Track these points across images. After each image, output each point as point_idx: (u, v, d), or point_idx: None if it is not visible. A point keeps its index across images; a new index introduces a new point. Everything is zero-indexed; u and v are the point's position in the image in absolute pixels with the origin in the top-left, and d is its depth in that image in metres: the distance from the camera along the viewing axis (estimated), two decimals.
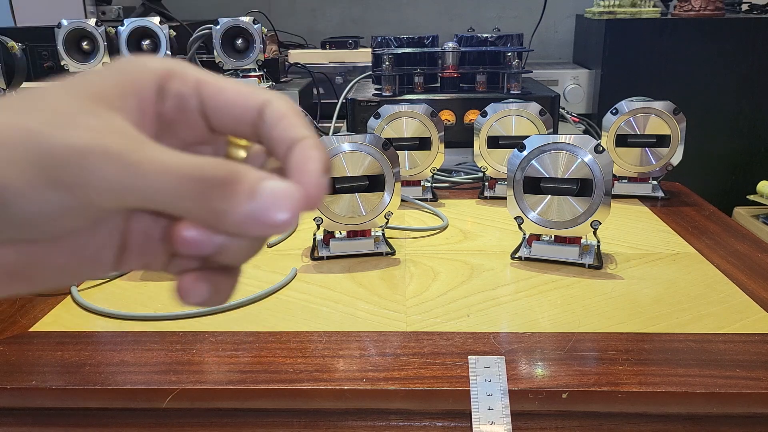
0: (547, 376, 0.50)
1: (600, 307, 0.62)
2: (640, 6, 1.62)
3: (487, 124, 0.92)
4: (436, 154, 0.93)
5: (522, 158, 0.70)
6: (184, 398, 0.49)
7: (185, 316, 0.61)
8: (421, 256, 0.75)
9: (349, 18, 2.03)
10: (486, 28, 1.63)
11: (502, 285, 0.67)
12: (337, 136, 0.73)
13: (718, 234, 0.81)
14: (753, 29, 1.55)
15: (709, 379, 0.50)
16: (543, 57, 1.94)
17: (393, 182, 0.73)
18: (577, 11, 1.94)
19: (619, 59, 1.59)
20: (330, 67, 1.52)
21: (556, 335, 0.56)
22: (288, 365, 0.52)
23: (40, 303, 0.64)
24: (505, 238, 0.79)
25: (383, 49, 1.19)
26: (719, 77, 1.57)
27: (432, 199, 0.96)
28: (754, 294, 0.64)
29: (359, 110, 1.15)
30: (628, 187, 0.96)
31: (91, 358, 0.54)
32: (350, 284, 0.68)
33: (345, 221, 0.73)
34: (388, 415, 0.51)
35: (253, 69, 1.25)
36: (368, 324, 0.59)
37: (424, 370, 0.51)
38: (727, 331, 0.57)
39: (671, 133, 0.92)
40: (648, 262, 0.72)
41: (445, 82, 1.23)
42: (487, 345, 0.55)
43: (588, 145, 0.68)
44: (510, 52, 1.18)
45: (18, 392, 0.50)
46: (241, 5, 1.95)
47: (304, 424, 0.51)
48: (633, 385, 0.49)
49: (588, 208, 0.69)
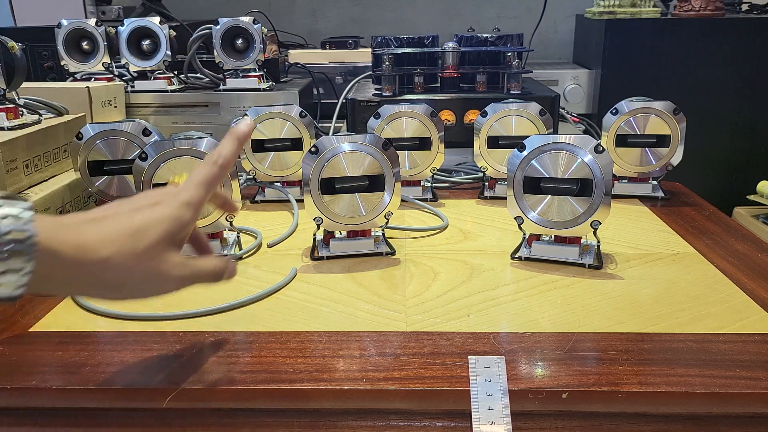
0: (547, 376, 0.50)
1: (600, 307, 0.62)
2: (640, 6, 1.62)
3: (487, 124, 0.92)
4: (436, 154, 0.93)
5: (522, 158, 0.70)
6: (184, 398, 0.49)
7: (185, 316, 0.61)
8: (421, 256, 0.75)
9: (349, 18, 2.03)
10: (486, 28, 1.63)
11: (502, 285, 0.67)
12: (337, 136, 0.73)
13: (718, 234, 0.81)
14: (753, 29, 1.55)
15: (709, 379, 0.49)
16: (543, 57, 1.95)
17: (393, 182, 0.73)
18: (577, 11, 1.94)
19: (619, 59, 1.59)
20: (330, 67, 1.52)
21: (556, 335, 0.56)
22: (288, 365, 0.52)
23: (40, 303, 0.64)
24: (505, 238, 0.79)
25: (383, 49, 1.19)
26: (719, 77, 1.57)
27: (432, 199, 0.96)
28: (754, 294, 0.64)
29: (359, 110, 1.15)
30: (628, 187, 0.96)
31: (91, 358, 0.54)
32: (350, 284, 0.68)
33: (345, 221, 0.73)
34: (388, 415, 0.51)
35: (253, 69, 1.25)
36: (368, 324, 0.59)
37: (424, 370, 0.51)
38: (727, 331, 0.57)
39: (671, 133, 0.92)
40: (648, 262, 0.72)
41: (445, 82, 1.23)
42: (487, 345, 0.55)
43: (588, 145, 0.68)
44: (510, 52, 1.18)
45: (18, 392, 0.50)
46: (241, 5, 1.95)
47: (304, 424, 0.51)
48: (633, 385, 0.49)
49: (588, 208, 0.69)
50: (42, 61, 1.42)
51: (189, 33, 1.30)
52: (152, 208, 0.46)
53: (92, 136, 0.81)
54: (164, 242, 0.45)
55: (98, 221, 0.43)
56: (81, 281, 0.42)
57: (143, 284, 0.45)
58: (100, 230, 0.42)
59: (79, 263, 0.41)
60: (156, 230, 0.44)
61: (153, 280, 0.45)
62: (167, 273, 0.45)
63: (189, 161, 0.71)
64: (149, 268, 0.44)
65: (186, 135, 0.72)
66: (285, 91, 1.24)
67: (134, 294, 0.45)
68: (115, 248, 0.42)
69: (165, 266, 0.45)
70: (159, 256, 0.44)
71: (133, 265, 0.43)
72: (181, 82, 1.31)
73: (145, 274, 0.44)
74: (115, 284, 0.43)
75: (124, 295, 0.45)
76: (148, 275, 0.44)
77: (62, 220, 0.42)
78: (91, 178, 0.83)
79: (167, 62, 1.27)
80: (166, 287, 0.46)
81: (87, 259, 0.41)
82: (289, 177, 0.95)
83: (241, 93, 1.23)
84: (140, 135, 0.81)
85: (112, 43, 1.27)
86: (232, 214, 0.74)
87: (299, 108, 0.92)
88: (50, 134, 0.89)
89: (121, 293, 0.44)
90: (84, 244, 0.41)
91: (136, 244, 0.43)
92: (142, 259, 0.43)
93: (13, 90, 0.89)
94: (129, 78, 1.29)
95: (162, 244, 0.44)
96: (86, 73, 1.28)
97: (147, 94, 1.25)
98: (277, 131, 0.92)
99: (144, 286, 0.45)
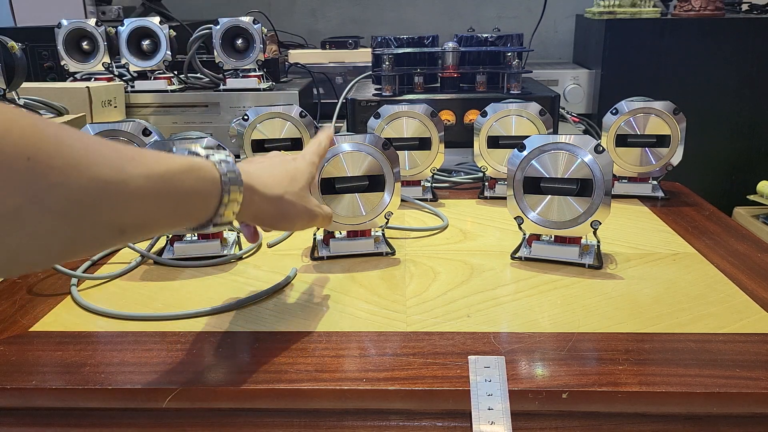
0: (547, 376, 0.50)
1: (600, 307, 0.62)
2: (640, 6, 1.62)
3: (487, 124, 0.92)
4: (436, 154, 0.93)
5: (522, 158, 0.70)
6: (184, 398, 0.49)
7: (185, 316, 0.61)
8: (421, 256, 0.75)
9: (349, 18, 2.03)
10: (486, 28, 1.63)
11: (502, 285, 0.67)
12: (337, 136, 0.73)
13: (718, 234, 0.81)
14: (753, 29, 1.55)
15: (709, 379, 0.50)
16: (543, 57, 1.95)
17: (393, 182, 0.73)
18: (577, 11, 1.94)
19: (619, 59, 1.59)
20: (330, 67, 1.52)
21: (556, 335, 0.56)
22: (288, 365, 0.52)
23: (40, 303, 0.64)
24: (505, 238, 0.79)
25: (383, 49, 1.19)
26: (719, 77, 1.57)
27: (432, 199, 0.96)
28: (754, 294, 0.64)
29: (359, 110, 1.15)
30: (628, 187, 0.96)
31: (91, 358, 0.54)
32: (350, 284, 0.68)
33: (345, 221, 0.73)
34: (388, 415, 0.51)
35: (253, 69, 1.25)
36: (368, 324, 0.59)
37: (424, 370, 0.51)
38: (727, 331, 0.57)
39: (671, 133, 0.92)
40: (648, 262, 0.72)
41: (445, 82, 1.23)
42: (487, 345, 0.55)
43: (588, 145, 0.68)
44: (510, 52, 1.18)
45: (18, 392, 0.50)
46: (241, 5, 1.95)
47: (304, 424, 0.51)
48: (633, 385, 0.49)
49: (588, 208, 0.69)
50: (42, 61, 1.42)
51: (189, 33, 1.30)
52: (294, 161, 0.59)
53: None
54: (307, 186, 0.58)
55: (264, 169, 0.55)
56: (265, 211, 0.53)
57: (298, 217, 0.56)
58: (269, 175, 0.54)
59: (266, 197, 0.52)
60: (303, 177, 0.57)
61: (305, 214, 0.57)
62: (312, 209, 0.58)
63: None
64: (303, 204, 0.57)
65: (186, 135, 0.72)
66: (285, 91, 1.24)
67: (293, 224, 0.57)
68: (283, 188, 0.54)
69: (310, 204, 0.58)
70: (306, 197, 0.57)
71: (295, 201, 0.56)
72: (181, 82, 1.31)
73: (301, 209, 0.56)
74: (284, 215, 0.55)
75: (286, 225, 0.57)
76: (302, 210, 0.57)
77: (242, 166, 0.51)
78: None
79: (167, 62, 1.27)
80: (310, 221, 0.58)
81: (269, 194, 0.53)
82: None
83: (241, 93, 1.23)
84: (140, 135, 0.81)
85: (112, 43, 1.27)
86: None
87: (299, 108, 0.92)
88: None
89: (286, 222, 0.56)
90: (265, 182, 0.53)
91: (294, 185, 0.56)
92: (299, 196, 0.56)
93: (13, 90, 0.89)
94: (129, 78, 1.29)
95: (306, 188, 0.58)
96: (86, 73, 1.28)
97: (147, 94, 1.25)
98: (277, 131, 0.92)
99: (298, 218, 0.57)
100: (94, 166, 0.36)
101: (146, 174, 0.39)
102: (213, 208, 0.46)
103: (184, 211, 0.44)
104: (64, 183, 0.34)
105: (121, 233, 0.39)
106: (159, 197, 0.41)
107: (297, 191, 0.56)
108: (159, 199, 0.41)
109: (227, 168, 0.47)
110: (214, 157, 0.47)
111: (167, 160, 0.42)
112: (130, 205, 0.38)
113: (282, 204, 0.54)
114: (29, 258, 0.35)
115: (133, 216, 0.39)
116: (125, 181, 0.38)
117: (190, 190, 0.44)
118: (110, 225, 0.38)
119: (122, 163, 0.38)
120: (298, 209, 0.56)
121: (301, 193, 0.56)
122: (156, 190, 0.40)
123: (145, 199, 0.40)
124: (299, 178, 0.57)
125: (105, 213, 0.37)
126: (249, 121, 0.91)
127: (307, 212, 0.57)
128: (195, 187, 0.44)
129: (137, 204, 0.39)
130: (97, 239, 0.38)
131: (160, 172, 0.41)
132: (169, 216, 0.43)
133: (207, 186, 0.45)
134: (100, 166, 0.36)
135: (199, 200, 0.45)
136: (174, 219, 0.44)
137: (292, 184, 0.56)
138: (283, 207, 0.54)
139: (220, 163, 0.47)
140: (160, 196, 0.41)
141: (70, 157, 0.35)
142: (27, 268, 0.38)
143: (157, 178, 0.40)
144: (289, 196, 0.55)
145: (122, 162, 0.38)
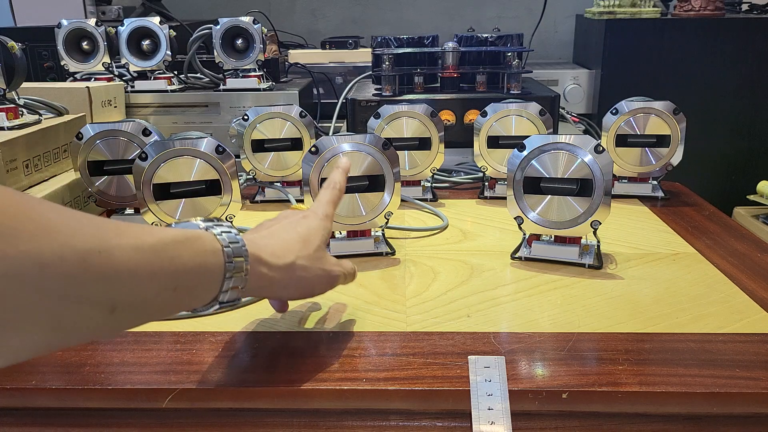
0: (547, 376, 0.50)
1: (600, 307, 0.62)
2: (640, 6, 1.62)
3: (487, 124, 0.92)
4: (436, 154, 0.93)
5: (522, 158, 0.70)
6: (184, 398, 0.49)
7: (185, 316, 0.60)
8: (421, 256, 0.75)
9: (349, 18, 2.03)
10: (486, 28, 1.63)
11: (502, 285, 0.67)
12: (337, 136, 0.73)
13: (718, 234, 0.81)
14: (753, 29, 1.55)
15: (709, 379, 0.49)
16: (543, 57, 1.95)
17: (393, 182, 0.73)
18: (577, 11, 1.94)
19: (619, 59, 1.59)
20: (330, 67, 1.52)
21: (556, 335, 0.56)
22: (288, 365, 0.52)
23: None
24: (505, 238, 0.79)
25: (383, 49, 1.19)
26: (719, 77, 1.57)
27: (432, 199, 0.96)
28: (754, 294, 0.64)
29: (359, 110, 1.15)
30: (628, 187, 0.96)
31: (91, 358, 0.54)
32: (350, 284, 0.68)
33: (345, 221, 0.73)
34: (388, 415, 0.51)
35: (253, 69, 1.25)
36: (368, 324, 0.59)
37: (424, 370, 0.51)
38: (727, 331, 0.57)
39: (671, 133, 0.92)
40: (648, 262, 0.72)
41: (445, 82, 1.23)
42: (487, 345, 0.55)
43: (588, 145, 0.68)
44: (510, 52, 1.18)
45: (18, 392, 0.50)
46: (241, 5, 1.95)
47: (304, 424, 0.51)
48: (633, 385, 0.49)
49: (588, 208, 0.69)
50: (42, 61, 1.42)
51: (189, 33, 1.30)
52: (305, 220, 0.55)
53: (92, 136, 0.81)
54: (323, 246, 0.54)
55: (272, 236, 0.51)
56: (278, 282, 0.49)
57: (317, 282, 0.53)
58: (277, 241, 0.50)
59: (275, 267, 0.48)
60: (316, 236, 0.53)
61: (324, 277, 0.53)
62: (330, 271, 0.54)
63: (189, 161, 0.71)
64: (319, 267, 0.52)
65: (186, 135, 0.72)
66: (285, 91, 1.24)
67: (313, 290, 0.53)
68: (294, 254, 0.50)
69: (328, 265, 0.54)
70: (323, 258, 0.53)
71: (309, 266, 0.51)
72: (181, 82, 1.31)
73: (318, 272, 0.52)
74: (298, 283, 0.51)
75: (304, 293, 0.53)
76: (320, 273, 0.52)
77: (247, 236, 0.48)
78: (91, 178, 0.83)
79: (167, 62, 1.27)
80: (330, 283, 0.54)
81: (279, 264, 0.49)
82: (289, 177, 0.95)
83: (241, 93, 1.23)
84: (140, 135, 0.81)
85: (112, 43, 1.27)
86: (232, 214, 0.74)
87: (299, 108, 0.92)
88: (50, 134, 0.89)
89: (303, 290, 0.52)
90: (273, 252, 0.49)
91: (307, 248, 0.52)
92: (313, 259, 0.52)
93: (13, 90, 0.89)
94: (129, 78, 1.29)
95: (322, 248, 0.54)
96: (86, 73, 1.28)
97: (147, 94, 1.25)
98: (277, 131, 0.92)
99: (316, 283, 0.53)
100: (70, 235, 0.32)
101: (134, 245, 0.36)
102: (217, 283, 0.42)
103: (184, 289, 0.40)
104: (36, 251, 0.30)
105: (111, 312, 0.35)
106: (153, 271, 0.37)
107: (311, 254, 0.51)
108: (153, 274, 0.37)
109: (229, 238, 0.43)
110: (214, 230, 0.44)
111: (159, 231, 0.39)
112: (118, 279, 0.34)
113: (295, 271, 0.50)
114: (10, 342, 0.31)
115: (124, 292, 0.35)
116: (109, 250, 0.34)
117: (188, 263, 0.40)
118: (97, 302, 0.34)
119: (104, 233, 0.34)
120: (315, 273, 0.52)
121: (315, 255, 0.52)
122: (148, 263, 0.36)
123: (137, 273, 0.36)
124: (312, 238, 0.53)
125: (89, 287, 0.33)
126: (249, 121, 0.91)
127: (326, 275, 0.53)
128: (194, 259, 0.40)
129: (127, 278, 0.35)
130: (85, 318, 0.34)
131: (151, 242, 0.37)
132: (166, 294, 0.38)
133: (207, 258, 0.41)
134: (78, 234, 0.33)
135: (200, 275, 0.41)
136: (173, 298, 0.39)
137: (304, 247, 0.51)
138: (296, 274, 0.50)
139: (221, 234, 0.43)
140: (153, 271, 0.37)
141: (41, 223, 0.31)
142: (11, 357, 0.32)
143: (147, 249, 0.36)
144: (301, 260, 0.50)
145: (104, 232, 0.34)
